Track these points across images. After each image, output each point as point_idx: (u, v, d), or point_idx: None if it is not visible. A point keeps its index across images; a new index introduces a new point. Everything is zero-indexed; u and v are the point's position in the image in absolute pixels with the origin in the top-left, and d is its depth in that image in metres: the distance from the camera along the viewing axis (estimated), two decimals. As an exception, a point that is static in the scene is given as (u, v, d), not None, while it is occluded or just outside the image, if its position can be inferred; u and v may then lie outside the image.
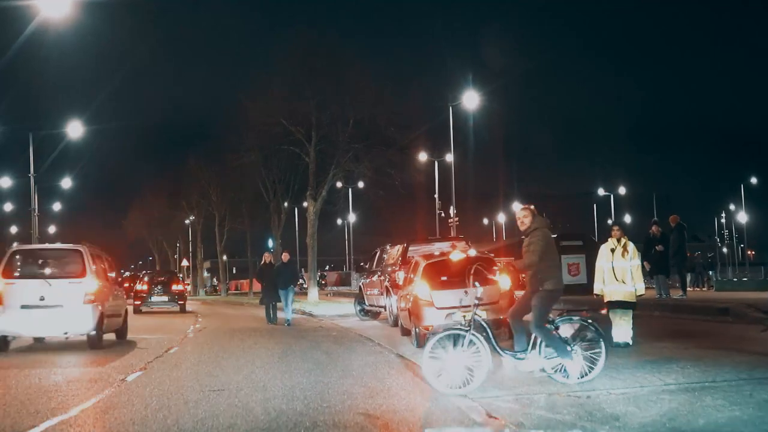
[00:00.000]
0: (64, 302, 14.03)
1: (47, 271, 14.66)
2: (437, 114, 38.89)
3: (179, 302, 32.09)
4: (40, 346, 15.71)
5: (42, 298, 14.02)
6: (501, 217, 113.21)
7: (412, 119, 36.20)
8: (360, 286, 23.11)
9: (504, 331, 13.43)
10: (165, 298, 32.09)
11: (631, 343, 11.84)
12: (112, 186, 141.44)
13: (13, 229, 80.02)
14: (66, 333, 14.40)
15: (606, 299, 12.09)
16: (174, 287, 33.01)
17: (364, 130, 34.97)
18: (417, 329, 13.85)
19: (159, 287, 32.61)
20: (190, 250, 71.79)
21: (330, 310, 28.55)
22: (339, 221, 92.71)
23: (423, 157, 61.45)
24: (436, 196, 60.87)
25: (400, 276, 18.68)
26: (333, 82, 34.92)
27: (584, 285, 25.37)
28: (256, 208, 47.56)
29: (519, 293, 12.09)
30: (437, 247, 19.13)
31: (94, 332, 14.38)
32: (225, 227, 57.67)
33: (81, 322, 14.17)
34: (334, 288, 61.74)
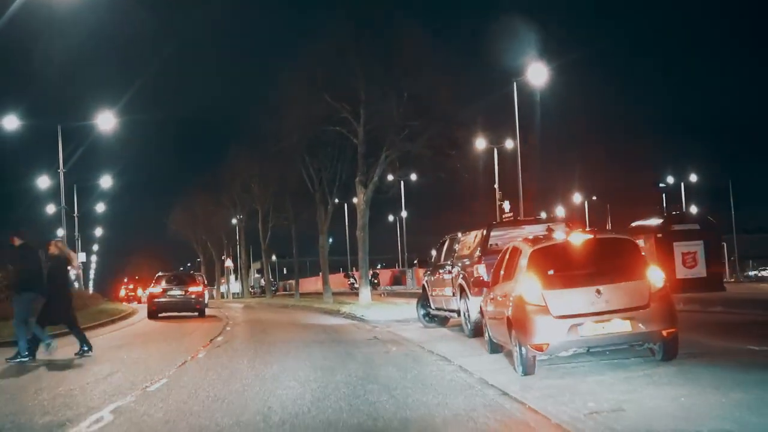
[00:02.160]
0: None
1: None
2: (497, 92, 33.96)
3: (196, 307, 29.17)
4: None
5: None
6: (560, 211, 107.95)
7: (473, 93, 31.42)
8: (424, 285, 18.49)
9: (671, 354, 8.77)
10: (182, 301, 29.21)
11: None
12: (155, 184, 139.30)
13: (60, 232, 77.45)
14: None
15: None
16: (191, 289, 29.62)
17: (421, 106, 30.27)
18: (522, 348, 9.15)
19: (175, 289, 29.48)
20: (238, 250, 67.93)
21: (385, 313, 23.97)
22: (390, 218, 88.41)
23: (481, 144, 56.76)
24: (496, 186, 56.15)
25: (480, 270, 14.03)
26: (384, 51, 30.32)
27: (704, 279, 20.49)
28: (300, 202, 43.17)
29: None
30: (528, 232, 14.41)
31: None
32: (269, 224, 53.48)
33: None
34: (388, 288, 57.20)
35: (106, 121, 42.92)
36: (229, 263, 64.29)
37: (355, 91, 31.02)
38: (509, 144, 56.52)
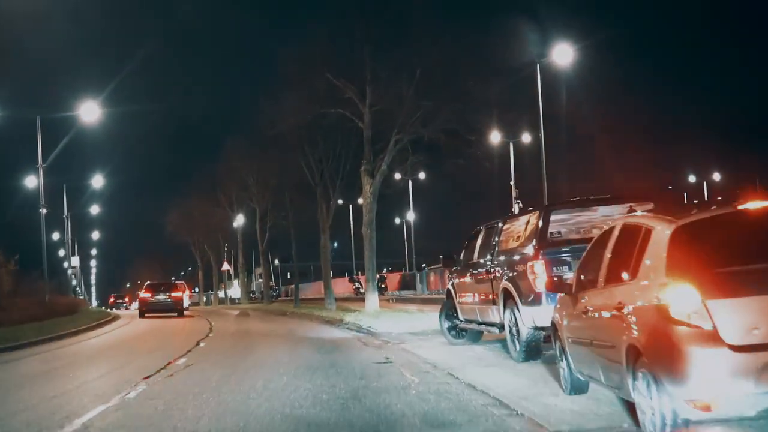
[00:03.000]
0: None
1: None
2: (517, 75, 29.83)
3: (177, 308, 36.03)
4: None
5: None
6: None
7: (492, 75, 27.33)
8: (449, 290, 14.40)
9: None
10: (165, 304, 36.12)
11: None
12: (152, 185, 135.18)
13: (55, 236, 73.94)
14: None
15: None
16: (173, 294, 36.92)
17: (435, 84, 26.23)
18: (665, 401, 5.06)
19: (160, 295, 36.80)
20: (236, 253, 63.81)
21: (396, 324, 19.94)
22: (396, 220, 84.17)
23: (495, 137, 52.67)
24: (512, 183, 52.15)
25: (538, 269, 10.02)
26: (393, 20, 26.31)
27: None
28: (300, 198, 39.14)
29: None
30: (602, 215, 10.35)
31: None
32: (267, 223, 49.37)
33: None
34: (396, 293, 53.09)
35: (89, 112, 39.28)
36: (226, 267, 60.20)
37: (360, 67, 26.98)
38: (526, 138, 52.84)
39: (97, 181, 59.24)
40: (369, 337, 17.89)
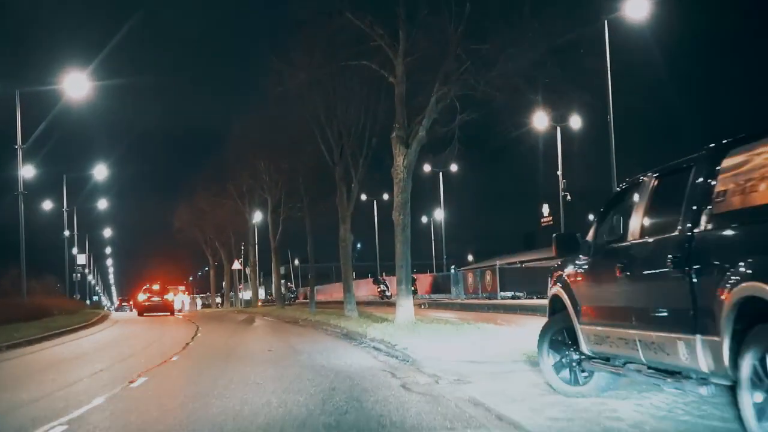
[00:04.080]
0: None
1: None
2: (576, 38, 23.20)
3: (168, 308, 42.93)
4: None
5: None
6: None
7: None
8: (558, 298, 7.95)
9: None
10: (158, 306, 42.79)
11: None
12: (162, 179, 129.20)
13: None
14: None
15: None
16: (166, 297, 44.10)
17: (490, 25, 19.85)
18: None
19: (155, 297, 43.74)
20: (249, 251, 57.63)
21: (444, 343, 13.67)
22: (423, 219, 77.56)
23: (541, 121, 46.22)
24: (559, 173, 45.60)
25: None
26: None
27: None
28: (317, 185, 33.00)
29: None
30: None
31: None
32: (280, 215, 43.09)
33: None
34: (426, 297, 46.70)
35: (75, 86, 33.59)
36: (237, 266, 54.05)
37: (392, 4, 20.65)
38: (575, 122, 46.27)
39: (100, 172, 53.83)
40: (406, 367, 11.57)
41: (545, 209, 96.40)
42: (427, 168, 56.74)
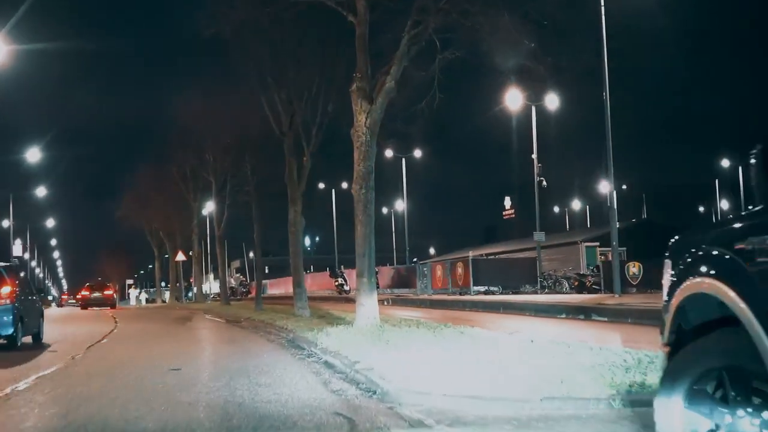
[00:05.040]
0: None
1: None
2: None
3: (108, 302, 45.93)
4: None
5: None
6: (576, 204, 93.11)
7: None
8: (715, 289, 3.82)
9: None
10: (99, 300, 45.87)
11: None
12: (104, 161, 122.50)
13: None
14: None
15: None
16: (105, 292, 47.51)
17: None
18: None
19: (96, 292, 47.25)
20: (193, 240, 52.71)
21: (427, 364, 9.41)
22: (384, 210, 73.23)
23: (515, 100, 42.36)
24: (534, 156, 41.74)
25: None
26: None
27: None
28: (266, 163, 28.58)
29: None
30: None
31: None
32: (225, 200, 38.36)
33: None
34: (387, 291, 42.44)
35: None
36: (180, 257, 49.21)
37: None
38: (551, 101, 42.54)
39: (33, 155, 48.63)
40: (374, 405, 7.31)
41: (507, 202, 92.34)
42: (389, 153, 52.77)
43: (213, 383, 9.20)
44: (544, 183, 43.41)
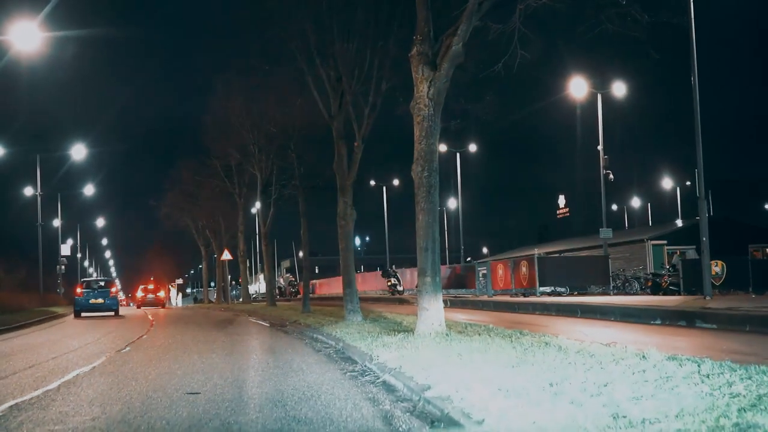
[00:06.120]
0: None
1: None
2: None
3: (160, 303, 49.88)
4: None
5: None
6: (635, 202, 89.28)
7: None
8: None
9: None
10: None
11: None
12: (151, 159, 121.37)
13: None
14: None
15: None
16: (158, 294, 51.70)
17: None
18: None
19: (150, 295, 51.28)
20: (239, 238, 50.69)
21: (524, 391, 6.93)
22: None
23: (580, 88, 39.73)
24: (600, 148, 38.79)
25: None
26: None
27: None
28: (312, 152, 26.28)
29: None
30: None
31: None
32: (271, 195, 36.17)
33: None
34: (445, 291, 39.71)
35: (25, 38, 27.07)
36: (226, 256, 47.26)
37: None
38: (618, 89, 39.84)
39: (78, 152, 47.20)
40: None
41: (561, 200, 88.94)
42: (443, 148, 50.24)
43: (234, 417, 6.79)
44: (611, 176, 40.37)
